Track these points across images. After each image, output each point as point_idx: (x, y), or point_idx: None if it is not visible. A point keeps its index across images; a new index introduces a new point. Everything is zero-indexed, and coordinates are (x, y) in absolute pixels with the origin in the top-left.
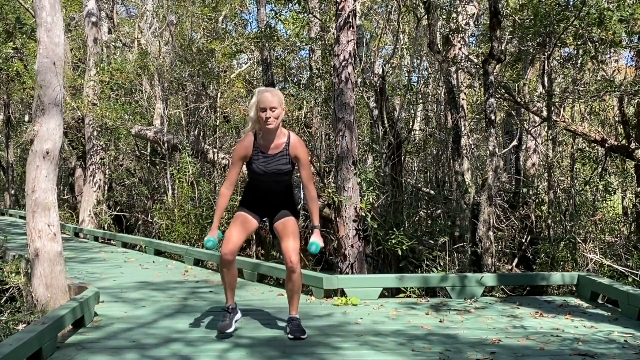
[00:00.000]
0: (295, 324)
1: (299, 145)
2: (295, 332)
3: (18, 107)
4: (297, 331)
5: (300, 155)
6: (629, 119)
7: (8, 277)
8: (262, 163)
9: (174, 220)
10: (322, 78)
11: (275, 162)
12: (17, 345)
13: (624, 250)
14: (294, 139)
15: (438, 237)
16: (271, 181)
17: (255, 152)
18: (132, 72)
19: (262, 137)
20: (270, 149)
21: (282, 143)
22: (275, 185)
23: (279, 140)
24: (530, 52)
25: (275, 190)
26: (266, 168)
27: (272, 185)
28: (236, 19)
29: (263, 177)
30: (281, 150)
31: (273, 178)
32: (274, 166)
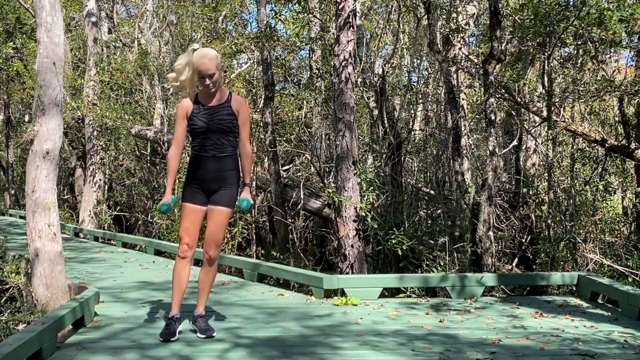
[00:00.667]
0: (203, 321)
1: (241, 100)
2: (205, 332)
3: (18, 107)
4: (207, 330)
5: (242, 109)
6: (629, 119)
7: (8, 277)
8: (203, 115)
9: (174, 220)
10: (322, 78)
11: (218, 113)
12: (17, 345)
13: (624, 250)
14: (236, 95)
15: (438, 237)
16: (214, 143)
17: (196, 106)
18: (132, 72)
19: (203, 95)
20: (212, 102)
21: (224, 97)
22: (219, 151)
23: (220, 95)
24: (530, 52)
25: (218, 158)
26: (209, 120)
27: (215, 151)
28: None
29: (206, 134)
30: (223, 103)
31: (216, 135)
32: (217, 117)
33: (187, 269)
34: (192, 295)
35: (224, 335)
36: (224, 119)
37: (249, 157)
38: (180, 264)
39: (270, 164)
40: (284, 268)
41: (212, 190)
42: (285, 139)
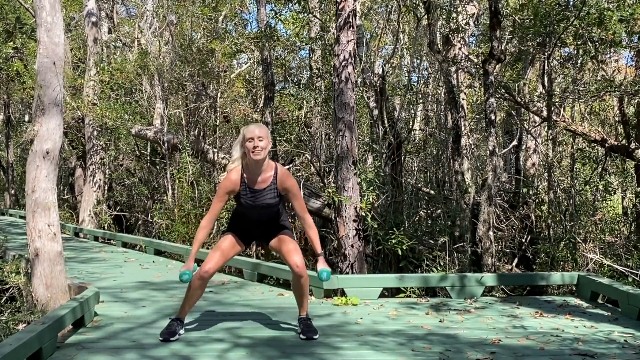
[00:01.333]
0: (307, 324)
1: (286, 177)
2: (307, 332)
3: (18, 107)
4: (309, 331)
5: (290, 188)
6: (629, 119)
7: (8, 277)
8: (250, 198)
9: (174, 220)
10: (322, 78)
11: (263, 197)
12: (17, 345)
13: (624, 250)
14: (281, 171)
15: (438, 237)
16: (260, 213)
17: (242, 187)
18: (132, 72)
19: (249, 171)
20: (258, 184)
21: (270, 177)
22: (264, 215)
23: (266, 174)
24: (530, 52)
25: (264, 219)
26: (254, 202)
27: (260, 216)
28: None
29: (251, 211)
30: (269, 185)
31: (261, 210)
32: (261, 201)
33: (203, 287)
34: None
35: (224, 335)
36: (271, 203)
37: (312, 228)
38: (199, 282)
39: None
40: (284, 268)
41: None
42: (285, 139)
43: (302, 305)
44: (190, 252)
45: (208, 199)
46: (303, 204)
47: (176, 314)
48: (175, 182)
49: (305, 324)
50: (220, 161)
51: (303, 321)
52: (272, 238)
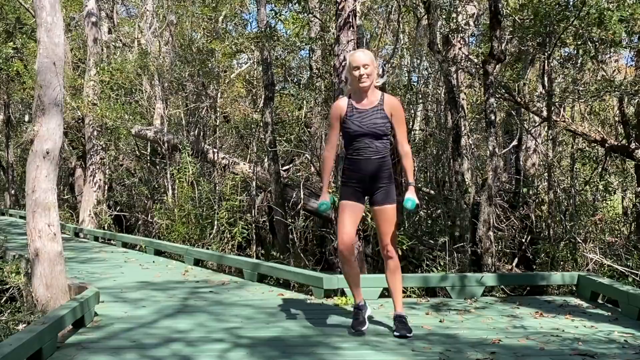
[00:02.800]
0: (401, 322)
1: (394, 100)
2: (401, 330)
3: (18, 107)
4: (403, 329)
5: (396, 110)
6: (629, 119)
7: (8, 277)
8: (357, 119)
9: (174, 220)
10: (322, 78)
11: (370, 116)
12: (17, 345)
13: (624, 250)
14: (388, 97)
15: (438, 237)
16: (368, 147)
17: (349, 109)
18: (132, 72)
19: (356, 97)
20: (364, 105)
21: (376, 99)
22: (373, 153)
23: (373, 96)
24: (530, 52)
25: (374, 160)
26: (361, 123)
27: (370, 153)
28: (236, 19)
29: (360, 138)
30: (375, 105)
31: (370, 138)
32: (369, 121)
33: (352, 265)
34: (192, 296)
35: (224, 335)
36: (378, 123)
37: (408, 157)
38: (345, 253)
39: (270, 164)
40: (284, 268)
41: (372, 190)
42: (285, 139)
43: (396, 299)
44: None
45: (208, 199)
46: (405, 131)
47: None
48: (175, 182)
49: (400, 321)
50: (220, 161)
51: (398, 318)
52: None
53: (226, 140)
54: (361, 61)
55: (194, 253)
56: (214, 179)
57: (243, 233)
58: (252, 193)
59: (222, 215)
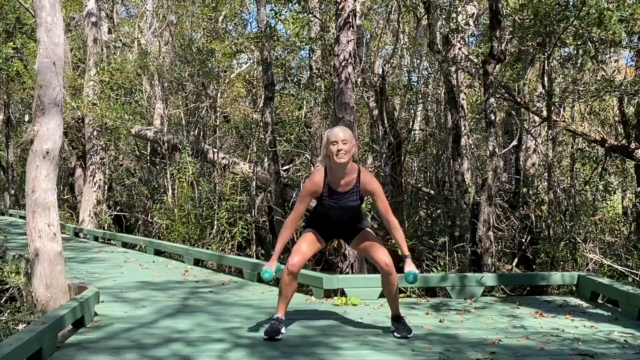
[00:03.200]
0: (401, 322)
1: (370, 180)
2: (401, 331)
3: (18, 107)
4: (404, 330)
5: (374, 191)
6: (629, 119)
7: (8, 277)
8: (332, 201)
9: (174, 220)
10: (322, 78)
11: (346, 199)
12: (17, 345)
13: (624, 250)
14: (365, 174)
15: (438, 237)
16: (341, 213)
17: (325, 189)
18: (132, 72)
19: (332, 174)
20: (341, 186)
21: (353, 179)
22: (345, 216)
23: (349, 177)
24: (530, 52)
25: (344, 219)
26: (337, 204)
27: (341, 216)
28: (236, 19)
29: (332, 211)
30: (351, 187)
31: (342, 211)
32: (344, 203)
33: (293, 284)
34: (192, 296)
35: (224, 335)
36: (352, 206)
37: (397, 229)
38: (288, 278)
39: (270, 164)
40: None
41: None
42: (285, 139)
43: (394, 305)
44: (274, 252)
45: (208, 199)
46: (387, 206)
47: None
48: (175, 182)
49: (400, 322)
50: (220, 161)
51: (396, 319)
52: (353, 237)
53: (226, 140)
54: (340, 137)
55: (194, 253)
56: (214, 179)
57: (243, 233)
58: (252, 193)
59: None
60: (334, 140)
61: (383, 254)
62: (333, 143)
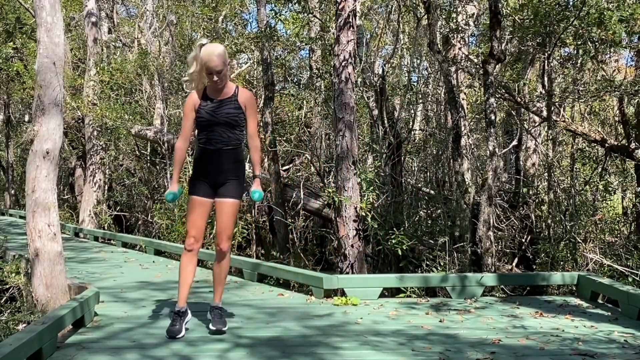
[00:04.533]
0: (218, 314)
1: (247, 94)
2: (217, 324)
3: (18, 107)
4: (219, 322)
5: (249, 103)
6: (629, 119)
7: (8, 277)
8: (210, 109)
9: (174, 220)
10: (322, 78)
11: (224, 106)
12: (17, 345)
13: (624, 250)
14: (242, 89)
15: (438, 237)
16: (220, 136)
17: (204, 99)
18: (132, 72)
19: (210, 89)
20: (219, 96)
21: (231, 90)
22: (224, 144)
23: (227, 89)
24: (530, 52)
25: (224, 151)
26: (215, 113)
27: (221, 144)
28: (236, 19)
29: (212, 127)
30: (229, 97)
31: (223, 129)
32: (223, 111)
33: (193, 262)
34: (192, 296)
35: (224, 335)
36: (230, 112)
37: (257, 150)
38: (186, 257)
39: (270, 164)
40: (284, 268)
41: (218, 183)
42: (285, 139)
43: (217, 291)
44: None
45: None
46: (255, 126)
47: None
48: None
49: (216, 313)
50: None
51: (214, 309)
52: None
53: None
54: (216, 67)
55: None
56: None
57: (243, 233)
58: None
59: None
60: (209, 72)
61: (225, 232)
62: (209, 75)
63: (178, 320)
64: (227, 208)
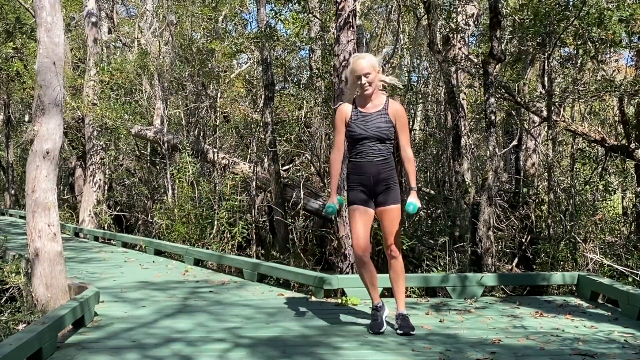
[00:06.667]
0: (404, 320)
1: (398, 106)
2: (404, 328)
3: (18, 107)
4: (406, 327)
5: (400, 116)
6: (629, 119)
7: (8, 277)
8: (361, 122)
9: (174, 220)
10: (322, 78)
11: (375, 119)
12: (17, 345)
13: (624, 250)
14: (393, 102)
15: (438, 237)
16: (371, 149)
17: (354, 112)
18: (132, 72)
19: (360, 101)
20: (368, 108)
21: (381, 103)
22: (376, 155)
23: (378, 100)
24: (530, 52)
25: (377, 162)
26: (366, 127)
27: (373, 156)
28: (236, 19)
29: (363, 141)
30: (379, 109)
31: (373, 142)
32: (373, 124)
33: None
34: (192, 296)
35: (224, 335)
36: (382, 127)
37: (411, 162)
38: (361, 261)
39: (270, 164)
40: (284, 268)
41: (376, 192)
42: (285, 139)
43: (398, 297)
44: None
45: (208, 199)
46: (408, 137)
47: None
48: (175, 182)
49: (402, 319)
50: (220, 161)
51: (400, 317)
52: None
53: (226, 140)
54: (362, 70)
55: (194, 253)
56: (214, 179)
57: (243, 233)
58: (252, 193)
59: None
60: (357, 75)
61: (393, 236)
62: (357, 78)
63: (377, 314)
64: (392, 214)
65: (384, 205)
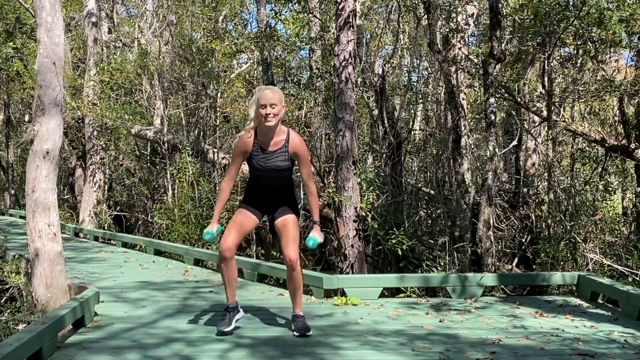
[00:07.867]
0: (301, 322)
1: (298, 142)
2: (300, 330)
3: (18, 107)
4: (303, 328)
5: (300, 153)
6: (629, 119)
7: (8, 277)
8: (261, 159)
9: (174, 220)
10: (322, 78)
11: (274, 158)
12: (17, 345)
13: (624, 250)
14: (294, 136)
15: (438, 237)
16: (271, 177)
17: (255, 148)
18: (132, 72)
19: (262, 134)
20: (270, 146)
21: (282, 140)
22: (276, 181)
23: (279, 137)
24: (530, 52)
25: (276, 186)
26: (265, 164)
27: (272, 181)
28: (236, 19)
29: (262, 173)
30: (280, 147)
31: (272, 174)
32: (272, 162)
33: (232, 264)
34: (192, 296)
35: (224, 335)
36: (281, 165)
37: (314, 195)
38: (225, 261)
39: None
40: (284, 268)
41: (270, 208)
42: None
43: (295, 302)
44: (214, 214)
45: (208, 199)
46: (310, 172)
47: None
48: (175, 182)
49: (299, 322)
50: (220, 161)
51: (297, 318)
52: (280, 215)
53: (226, 140)
54: (269, 100)
55: (194, 253)
56: (214, 179)
57: None
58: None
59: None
60: (262, 104)
61: (292, 247)
62: (262, 106)
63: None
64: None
65: (281, 216)
